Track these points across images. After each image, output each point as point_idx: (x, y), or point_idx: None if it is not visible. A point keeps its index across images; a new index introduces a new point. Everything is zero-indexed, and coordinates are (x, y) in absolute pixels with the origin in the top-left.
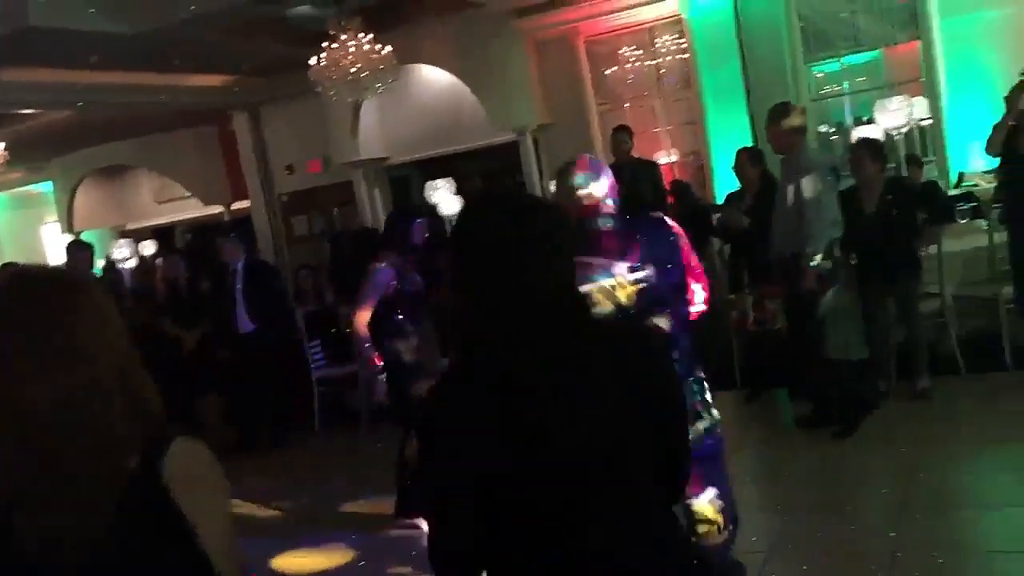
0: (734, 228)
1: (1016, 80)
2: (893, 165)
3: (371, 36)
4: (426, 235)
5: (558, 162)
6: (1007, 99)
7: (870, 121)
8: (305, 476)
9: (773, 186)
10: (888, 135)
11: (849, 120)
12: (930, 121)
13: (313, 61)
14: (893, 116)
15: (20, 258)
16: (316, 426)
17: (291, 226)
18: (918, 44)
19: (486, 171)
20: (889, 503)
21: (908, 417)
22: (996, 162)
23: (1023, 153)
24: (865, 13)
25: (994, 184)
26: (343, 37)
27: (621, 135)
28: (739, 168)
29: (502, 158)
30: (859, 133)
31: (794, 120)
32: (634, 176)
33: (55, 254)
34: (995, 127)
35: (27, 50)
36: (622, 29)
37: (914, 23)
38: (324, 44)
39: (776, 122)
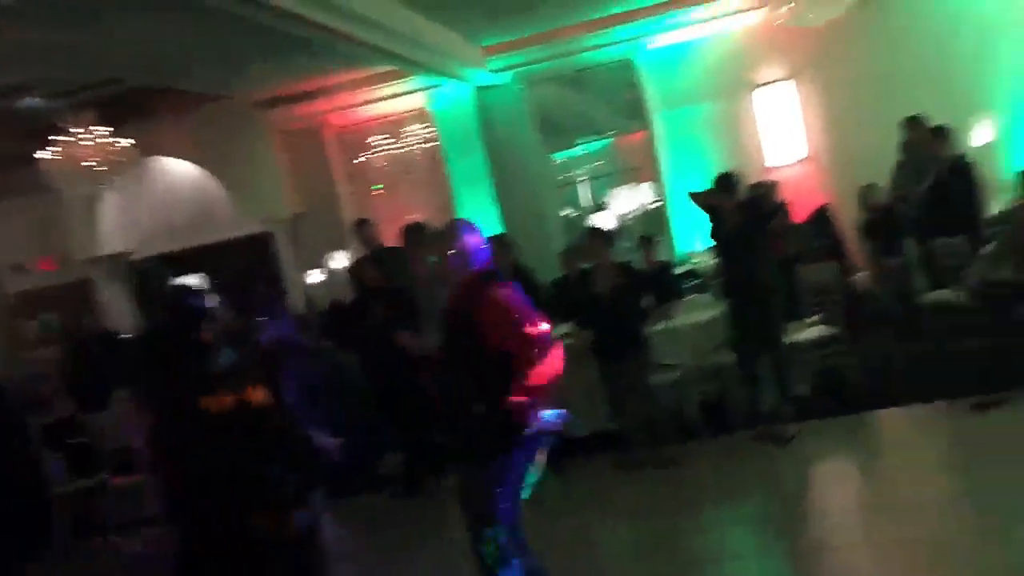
0: None
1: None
2: (628, 245)
3: (108, 129)
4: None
5: (312, 252)
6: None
7: (603, 206)
8: None
9: (521, 275)
10: (621, 218)
11: (588, 204)
12: (657, 204)
13: (44, 155)
14: (625, 201)
15: None
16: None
17: (21, 329)
18: (644, 134)
19: (238, 264)
20: (647, 570)
21: (658, 483)
22: (712, 242)
23: (728, 230)
24: (597, 105)
25: (715, 260)
26: (76, 130)
27: (363, 228)
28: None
29: (254, 250)
30: (597, 216)
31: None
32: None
33: None
34: (708, 191)
35: None
36: (371, 120)
37: (640, 114)
38: (54, 138)
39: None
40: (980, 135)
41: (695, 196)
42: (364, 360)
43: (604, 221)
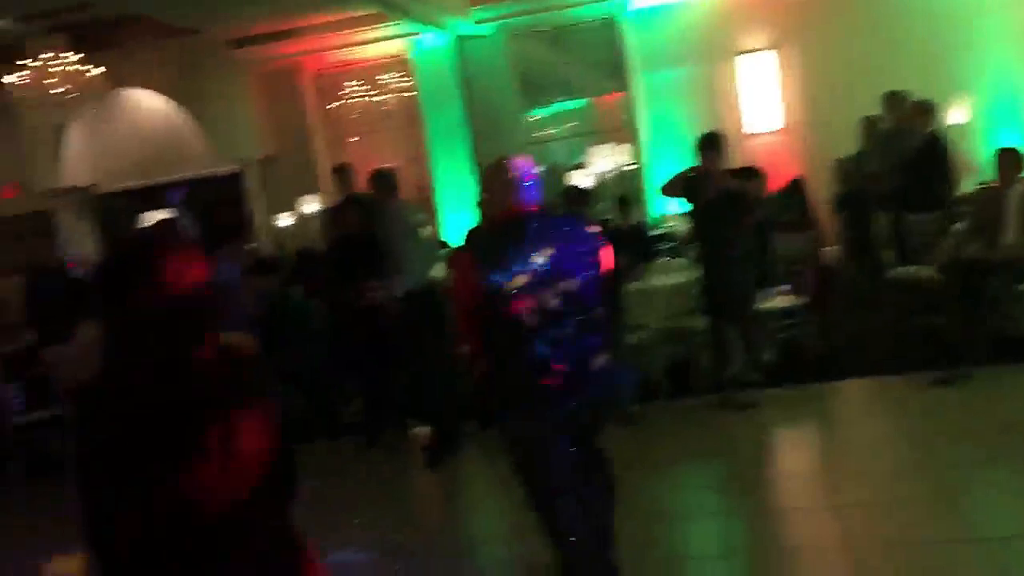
0: None
1: (700, 134)
2: (604, 205)
3: (79, 56)
4: None
5: (283, 194)
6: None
7: (580, 165)
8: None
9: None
10: (599, 178)
11: (562, 162)
12: (634, 166)
13: (11, 79)
14: (603, 161)
15: None
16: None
17: None
18: (623, 95)
19: (207, 202)
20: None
21: (619, 441)
22: (689, 206)
23: (708, 198)
24: (576, 65)
25: (690, 225)
26: (45, 56)
27: (344, 172)
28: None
29: (224, 189)
30: (572, 174)
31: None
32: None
33: None
34: (677, 175)
35: None
36: (348, 65)
37: (619, 76)
38: (21, 61)
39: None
40: (958, 114)
41: (666, 189)
42: (332, 307)
43: (581, 180)
